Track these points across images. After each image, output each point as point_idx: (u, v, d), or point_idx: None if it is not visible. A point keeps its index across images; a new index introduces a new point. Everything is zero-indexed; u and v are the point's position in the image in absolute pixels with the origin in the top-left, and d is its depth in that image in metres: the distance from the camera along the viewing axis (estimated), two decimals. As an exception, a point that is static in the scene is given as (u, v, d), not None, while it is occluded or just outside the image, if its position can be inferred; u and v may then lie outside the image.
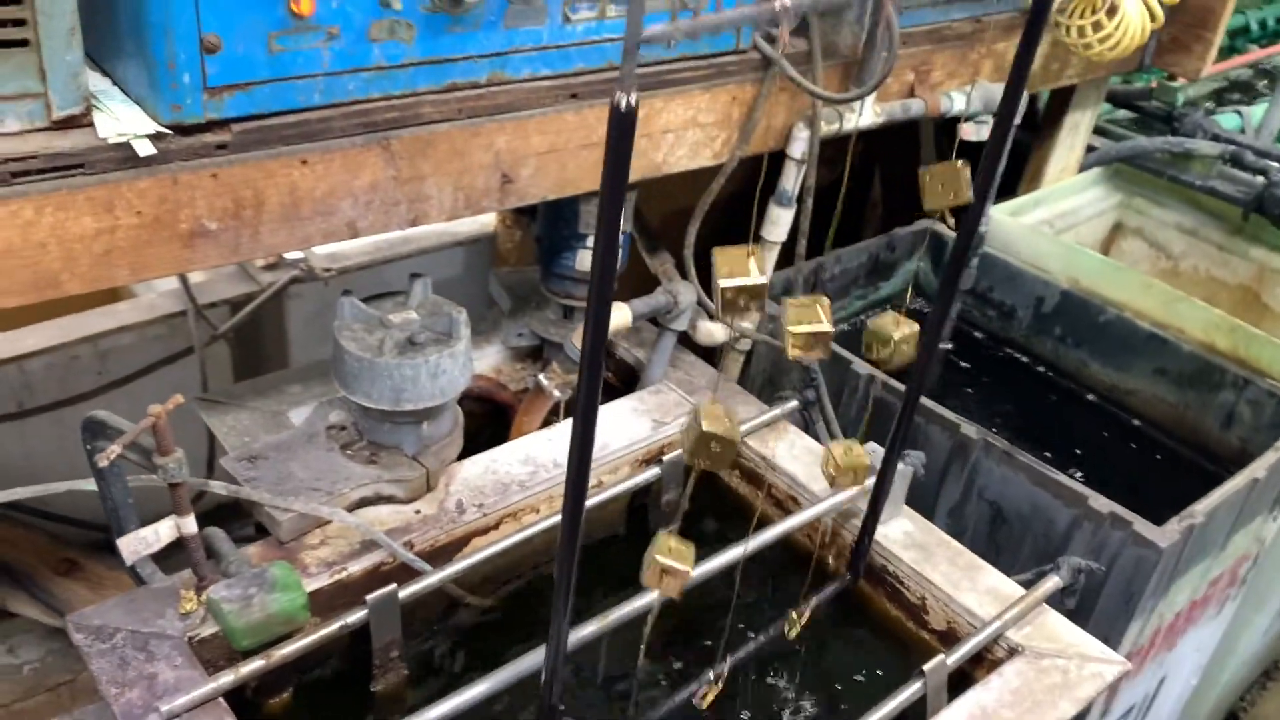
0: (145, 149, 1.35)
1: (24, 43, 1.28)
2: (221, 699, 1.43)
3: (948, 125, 3.29)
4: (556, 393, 2.02)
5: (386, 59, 1.52)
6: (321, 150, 1.51)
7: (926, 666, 1.58)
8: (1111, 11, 2.32)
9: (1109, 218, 3.18)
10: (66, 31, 1.29)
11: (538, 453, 1.95)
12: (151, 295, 2.44)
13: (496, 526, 1.85)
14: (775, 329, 2.34)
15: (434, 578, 1.66)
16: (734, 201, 2.06)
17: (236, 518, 2.04)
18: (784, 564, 1.98)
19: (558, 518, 1.79)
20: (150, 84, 1.37)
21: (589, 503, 1.87)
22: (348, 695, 1.68)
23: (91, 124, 1.35)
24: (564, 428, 2.02)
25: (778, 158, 2.15)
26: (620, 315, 2.01)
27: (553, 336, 2.17)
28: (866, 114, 2.15)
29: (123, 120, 1.38)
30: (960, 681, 1.68)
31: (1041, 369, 2.76)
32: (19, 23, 1.26)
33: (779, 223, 2.18)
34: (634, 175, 1.93)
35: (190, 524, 1.52)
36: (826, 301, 1.26)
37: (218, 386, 2.46)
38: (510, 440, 2.01)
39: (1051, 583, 1.78)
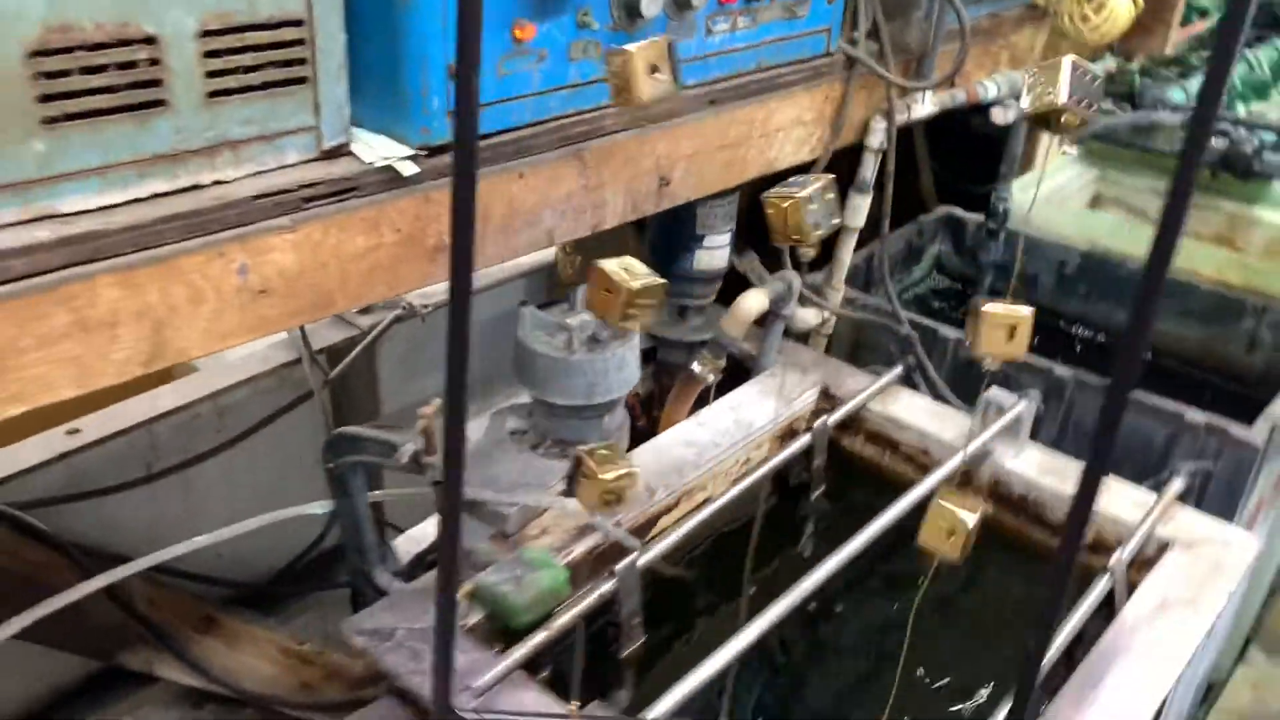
0: (409, 169, 1.48)
1: (303, 80, 1.40)
2: (523, 670, 1.53)
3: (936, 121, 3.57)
4: (711, 377, 2.18)
5: (581, 76, 1.68)
6: (532, 165, 1.66)
7: (1110, 561, 1.78)
8: (1099, 8, 2.63)
9: (1089, 190, 3.50)
10: (338, 67, 1.42)
11: (696, 436, 2.10)
12: (262, 347, 2.50)
13: (677, 504, 2.00)
14: (859, 307, 2.54)
15: (656, 549, 1.79)
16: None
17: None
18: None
19: (734, 490, 1.97)
20: (400, 111, 1.50)
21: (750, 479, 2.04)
22: (593, 668, 1.79)
23: (350, 153, 1.48)
24: (709, 412, 2.18)
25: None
26: (758, 300, 2.18)
27: (670, 335, 2.33)
28: (927, 104, 2.39)
29: (376, 147, 1.50)
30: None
31: (1070, 326, 3.03)
32: (301, 61, 1.39)
33: (859, 209, 2.40)
34: (752, 173, 2.13)
35: (453, 519, 1.62)
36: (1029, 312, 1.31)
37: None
38: (661, 430, 2.16)
39: (1179, 483, 2.01)
